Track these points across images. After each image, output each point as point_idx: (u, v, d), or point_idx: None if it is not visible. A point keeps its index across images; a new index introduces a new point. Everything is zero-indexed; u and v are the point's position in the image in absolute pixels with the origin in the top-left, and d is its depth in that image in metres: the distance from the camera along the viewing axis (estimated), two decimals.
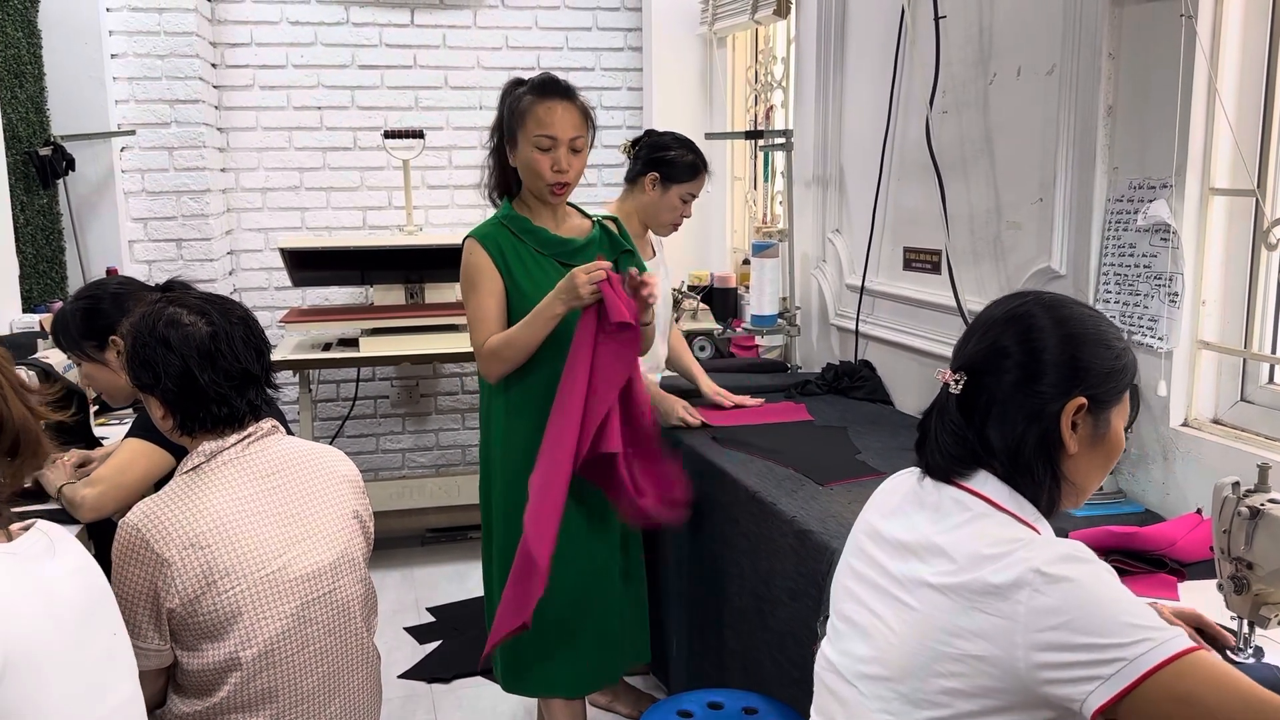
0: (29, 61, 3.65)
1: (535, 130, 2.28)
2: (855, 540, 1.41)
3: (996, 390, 1.26)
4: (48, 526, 1.29)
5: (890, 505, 1.37)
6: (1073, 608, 1.10)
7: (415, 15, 4.42)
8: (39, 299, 3.60)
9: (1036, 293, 1.33)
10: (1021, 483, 1.25)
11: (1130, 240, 2.10)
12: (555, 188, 2.32)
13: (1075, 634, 1.09)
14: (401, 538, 4.28)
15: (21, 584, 1.17)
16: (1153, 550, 1.77)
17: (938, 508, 1.28)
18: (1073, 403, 1.23)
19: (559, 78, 2.34)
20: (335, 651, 1.77)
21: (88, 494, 2.00)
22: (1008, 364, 1.25)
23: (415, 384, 4.65)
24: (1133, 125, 2.10)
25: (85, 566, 1.30)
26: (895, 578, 1.28)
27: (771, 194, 4.14)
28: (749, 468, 2.38)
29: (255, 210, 4.42)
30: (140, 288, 2.26)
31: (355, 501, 1.86)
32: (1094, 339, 1.26)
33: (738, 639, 2.35)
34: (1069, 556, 1.13)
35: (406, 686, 3.17)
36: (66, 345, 2.27)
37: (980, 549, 1.19)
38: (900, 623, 1.24)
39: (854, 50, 3.16)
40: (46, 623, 1.17)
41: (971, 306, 2.58)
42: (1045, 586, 1.11)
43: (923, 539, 1.26)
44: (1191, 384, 2.06)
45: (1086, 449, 1.26)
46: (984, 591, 1.15)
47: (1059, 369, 1.24)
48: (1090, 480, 1.29)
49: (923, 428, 1.35)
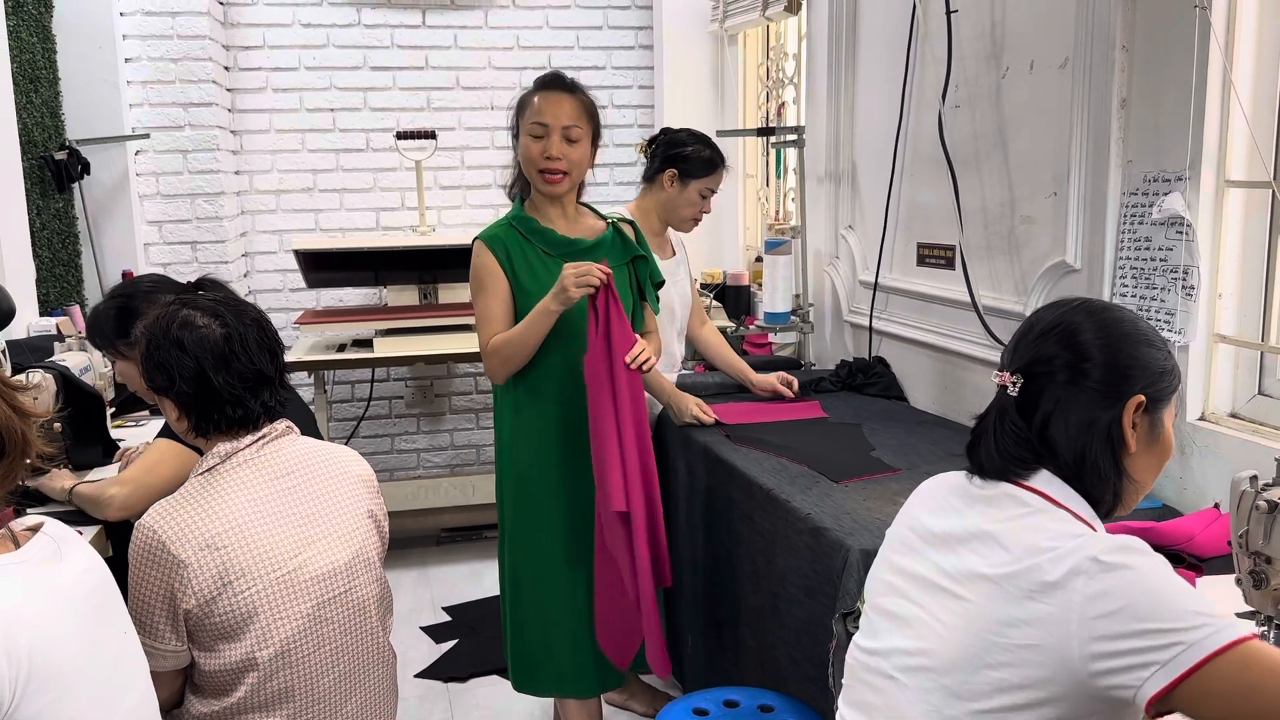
0: (44, 66, 3.68)
1: (530, 119, 2.31)
2: (896, 534, 1.41)
3: (1057, 392, 1.27)
4: (54, 529, 1.27)
5: (935, 501, 1.37)
6: (1130, 594, 1.09)
7: (426, 16, 4.43)
8: (55, 302, 3.63)
9: (1084, 300, 1.35)
10: (1088, 481, 1.26)
11: (1146, 234, 2.09)
12: (546, 175, 2.31)
13: (1132, 620, 1.08)
14: (417, 537, 4.29)
15: (37, 594, 1.15)
16: (1170, 545, 1.76)
17: (992, 502, 1.28)
18: (1133, 401, 1.25)
19: (564, 74, 2.36)
20: (351, 651, 1.77)
21: (117, 493, 2.00)
22: (1059, 365, 1.27)
23: (429, 384, 4.66)
24: (1147, 118, 2.09)
25: (92, 567, 1.28)
26: (944, 570, 1.28)
27: (784, 191, 4.13)
28: (763, 465, 2.37)
29: (269, 212, 4.44)
30: (173, 286, 2.27)
31: (370, 501, 1.86)
32: (1145, 339, 1.28)
33: (753, 636, 2.35)
34: (1125, 546, 1.14)
35: (423, 686, 3.18)
36: (101, 344, 2.31)
37: (1038, 541, 1.19)
38: (950, 614, 1.24)
39: (866, 46, 3.15)
40: (64, 631, 1.16)
41: (986, 302, 2.57)
42: (1101, 574, 1.11)
43: (975, 531, 1.26)
44: (1208, 378, 2.05)
45: (1145, 447, 1.28)
46: (1040, 581, 1.15)
47: (1113, 369, 1.26)
48: (1147, 478, 1.31)
49: (978, 430, 1.35)
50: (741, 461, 2.41)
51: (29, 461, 1.22)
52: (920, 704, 1.25)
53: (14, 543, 1.22)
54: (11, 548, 1.20)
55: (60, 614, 1.16)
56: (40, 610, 1.14)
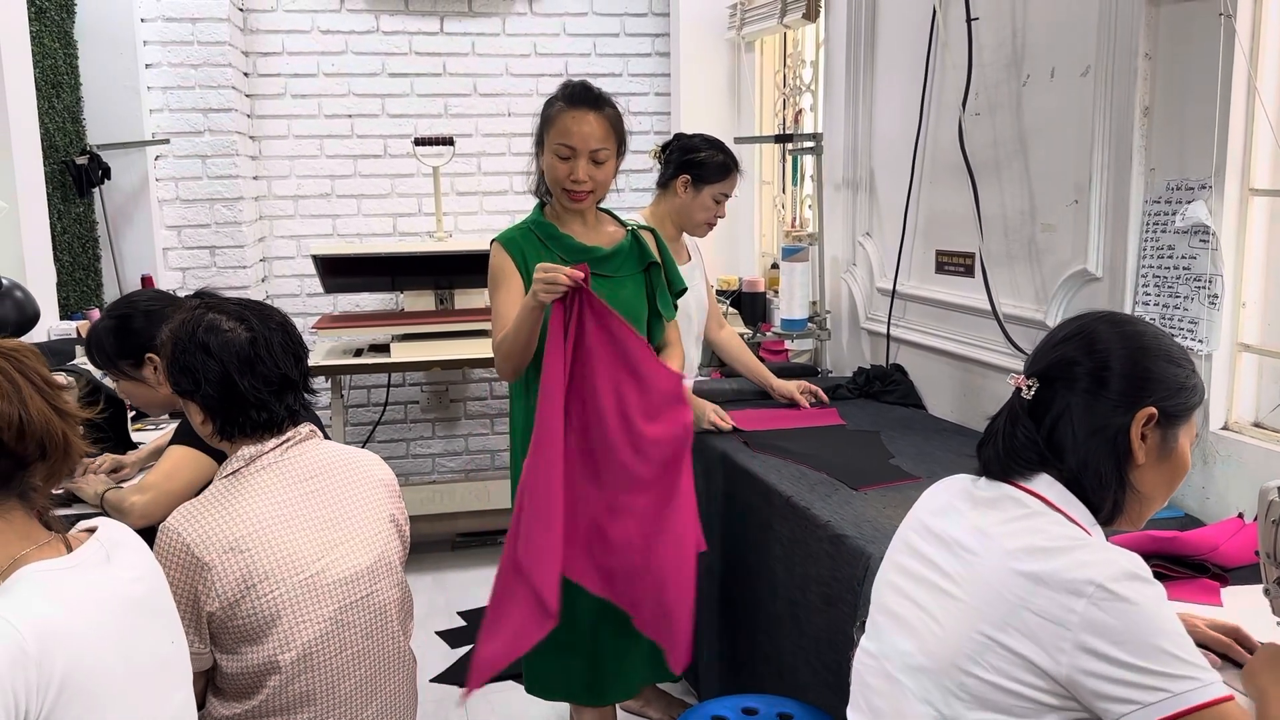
0: (65, 72, 3.71)
1: (557, 139, 2.29)
2: (902, 536, 1.43)
3: (1069, 398, 1.29)
4: (108, 533, 1.25)
5: (940, 502, 1.39)
6: (1129, 629, 1.12)
7: (445, 23, 4.45)
8: (76, 306, 3.65)
9: (1108, 311, 1.37)
10: (1089, 488, 1.28)
11: (1169, 242, 2.08)
12: (571, 195, 2.32)
13: (1125, 653, 1.12)
14: (432, 542, 4.29)
15: (80, 603, 1.13)
16: (1195, 555, 1.75)
17: (993, 504, 1.30)
18: (1143, 412, 1.26)
19: (592, 86, 2.33)
20: (372, 655, 1.78)
21: (137, 500, 2.00)
22: (1078, 372, 1.29)
23: (445, 389, 4.67)
24: (1170, 126, 2.08)
25: (143, 575, 1.26)
26: (944, 571, 1.30)
27: (800, 198, 4.13)
28: (782, 472, 2.37)
29: (287, 217, 4.46)
30: (171, 301, 2.25)
31: (391, 505, 1.87)
32: (1163, 355, 1.30)
33: (772, 644, 2.34)
34: (1132, 575, 1.15)
35: (439, 690, 3.18)
36: (101, 363, 2.26)
37: (1035, 542, 1.21)
38: (946, 615, 1.26)
39: (884, 53, 3.15)
40: (103, 641, 1.13)
41: (1006, 310, 2.56)
42: (1105, 602, 1.13)
43: (975, 532, 1.28)
44: (1232, 387, 2.04)
45: (1154, 462, 1.29)
46: (1035, 584, 1.17)
47: (1128, 379, 1.27)
48: (1157, 494, 1.32)
49: (990, 430, 1.37)
50: (760, 468, 2.41)
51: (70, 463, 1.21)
52: (920, 703, 1.27)
53: (66, 546, 1.21)
54: (63, 551, 1.19)
55: (102, 623, 1.15)
56: (80, 620, 1.12)
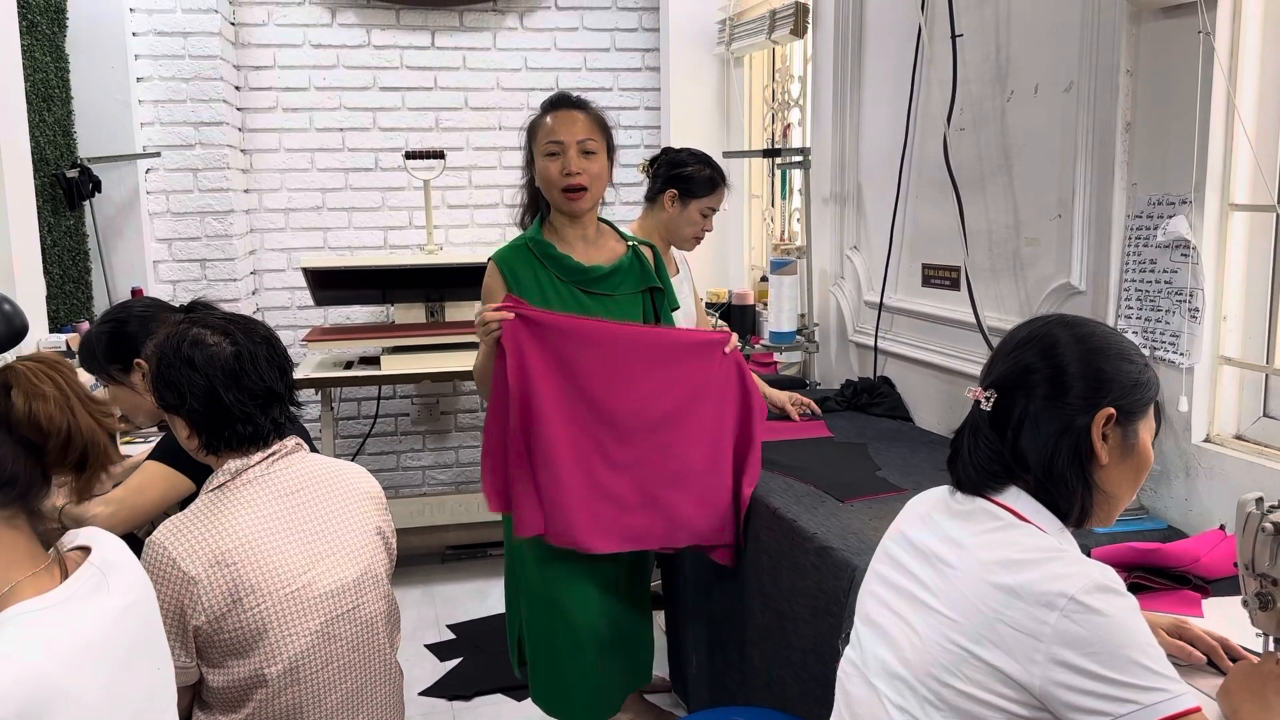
0: (57, 85, 3.71)
1: (544, 139, 2.30)
2: (884, 547, 1.45)
3: (1027, 405, 1.30)
4: (103, 554, 1.23)
5: (919, 514, 1.41)
6: (1101, 641, 1.13)
7: (436, 37, 4.47)
8: (66, 319, 3.65)
9: (1059, 314, 1.38)
10: (1056, 494, 1.29)
11: (1150, 256, 2.10)
12: (569, 193, 2.29)
13: (1098, 665, 1.13)
14: (422, 555, 4.29)
15: (67, 645, 1.10)
16: (1176, 567, 1.76)
17: (968, 516, 1.32)
18: (1102, 413, 1.28)
19: (571, 93, 2.36)
20: (359, 668, 1.78)
21: (100, 512, 1.97)
22: (1035, 379, 1.30)
23: (435, 402, 4.67)
24: (1151, 141, 2.10)
25: (135, 601, 1.24)
26: (922, 582, 1.31)
27: (789, 211, 4.16)
28: (769, 484, 2.38)
29: (278, 230, 4.47)
30: (165, 309, 2.28)
31: (378, 518, 1.87)
32: (1116, 353, 1.31)
33: (760, 656, 2.35)
34: (1104, 588, 1.16)
35: (427, 704, 3.18)
36: (92, 368, 2.28)
37: (1010, 555, 1.22)
38: (924, 625, 1.28)
39: (871, 68, 3.18)
40: (89, 680, 1.10)
41: (991, 323, 2.58)
42: (1077, 615, 1.14)
43: (951, 544, 1.30)
44: (1213, 400, 2.05)
45: (1117, 460, 1.30)
46: (1010, 597, 1.18)
47: (1085, 381, 1.28)
48: (1122, 491, 1.33)
49: (955, 444, 1.39)
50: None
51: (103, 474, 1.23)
52: (897, 711, 1.28)
53: (62, 570, 1.19)
54: (58, 579, 1.17)
55: (89, 663, 1.12)
56: (65, 664, 1.09)
